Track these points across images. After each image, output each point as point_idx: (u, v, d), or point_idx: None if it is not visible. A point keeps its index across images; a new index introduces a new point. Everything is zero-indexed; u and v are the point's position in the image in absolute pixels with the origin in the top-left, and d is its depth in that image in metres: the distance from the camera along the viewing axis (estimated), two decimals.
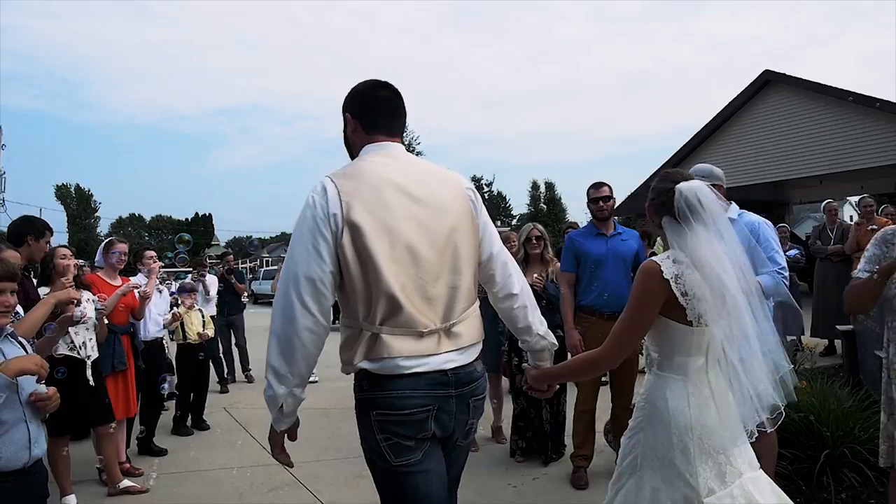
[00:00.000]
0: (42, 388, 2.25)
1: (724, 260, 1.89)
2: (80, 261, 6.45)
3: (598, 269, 4.13)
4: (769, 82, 16.54)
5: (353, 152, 2.03)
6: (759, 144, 16.40)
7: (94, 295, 4.30)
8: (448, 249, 1.87)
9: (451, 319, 1.86)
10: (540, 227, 4.77)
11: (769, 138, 16.25)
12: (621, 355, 2.01)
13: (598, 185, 4.26)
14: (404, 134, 2.12)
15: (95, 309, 4.17)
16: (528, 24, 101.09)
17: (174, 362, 6.14)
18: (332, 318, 1.86)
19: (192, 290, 6.44)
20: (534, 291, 4.47)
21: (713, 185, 3.38)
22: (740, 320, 1.87)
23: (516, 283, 2.07)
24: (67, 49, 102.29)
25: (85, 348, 4.09)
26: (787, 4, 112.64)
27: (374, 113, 1.98)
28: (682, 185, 1.94)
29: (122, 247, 4.86)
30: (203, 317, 6.20)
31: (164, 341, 5.57)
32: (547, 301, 4.49)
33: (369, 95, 2.00)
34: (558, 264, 4.64)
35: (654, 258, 1.98)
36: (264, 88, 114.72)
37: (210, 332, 6.20)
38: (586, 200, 4.30)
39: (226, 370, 8.15)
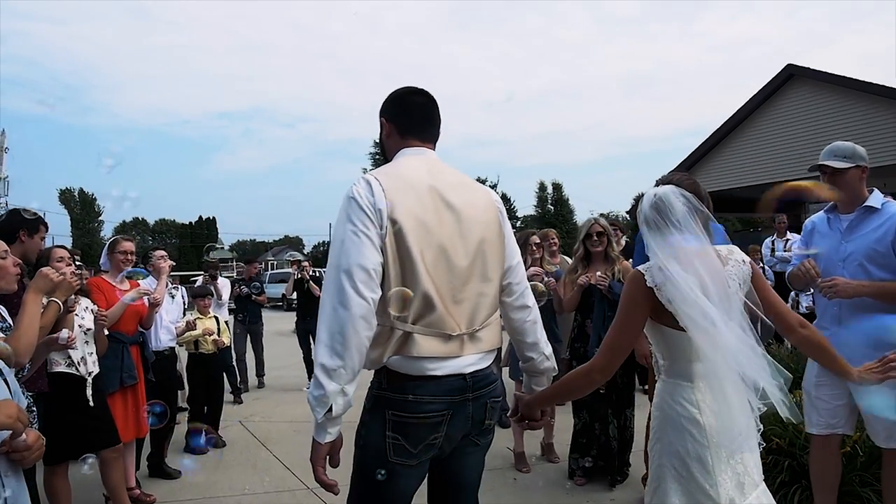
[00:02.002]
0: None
1: (692, 268, 1.85)
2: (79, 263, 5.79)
3: None
4: (792, 76, 16.07)
5: (388, 156, 2.06)
6: (780, 141, 15.89)
7: (93, 303, 3.75)
8: (478, 257, 1.89)
9: (475, 325, 1.88)
10: (603, 221, 4.20)
11: (791, 134, 15.75)
12: (614, 364, 1.97)
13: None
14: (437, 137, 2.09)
15: (94, 318, 3.64)
16: (529, 27, 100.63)
17: (185, 374, 5.64)
18: None
19: (206, 294, 5.89)
20: (599, 292, 4.08)
21: (857, 166, 2.87)
22: (718, 329, 1.81)
23: (531, 296, 2.09)
24: (70, 54, 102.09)
25: (85, 364, 3.55)
26: (788, 5, 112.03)
27: (408, 117, 2.02)
28: (646, 195, 1.96)
29: (128, 245, 4.32)
30: (218, 323, 5.68)
31: (175, 351, 5.03)
32: (612, 301, 3.95)
33: (405, 101, 2.04)
34: (626, 262, 4.12)
35: (640, 266, 1.97)
36: (266, 92, 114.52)
37: (226, 339, 5.67)
38: None
39: (239, 379, 7.71)
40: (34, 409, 2.63)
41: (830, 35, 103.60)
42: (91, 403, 3.50)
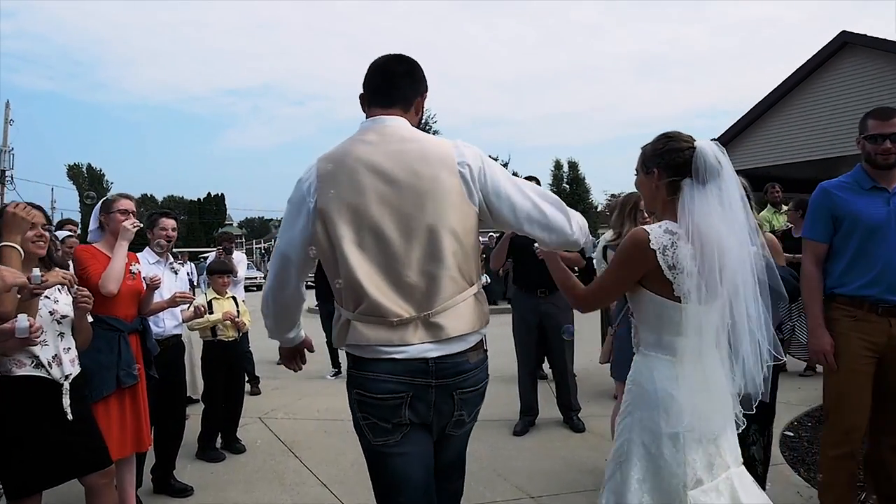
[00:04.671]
0: None
1: (728, 229, 1.79)
2: (60, 233, 4.67)
3: (872, 240, 2.68)
4: (846, 44, 14.98)
5: None
6: (830, 115, 14.86)
7: (74, 277, 2.70)
8: (423, 235, 1.76)
9: (429, 309, 1.78)
10: None
11: (843, 108, 14.66)
12: (592, 306, 2.06)
13: (884, 114, 2.72)
14: (413, 103, 1.94)
15: (74, 300, 2.63)
16: (541, 6, 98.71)
17: (199, 363, 4.74)
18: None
19: (227, 271, 4.91)
20: None
21: None
22: (736, 299, 1.80)
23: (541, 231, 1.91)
24: (81, 30, 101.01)
25: (59, 364, 2.56)
26: None
27: (368, 86, 1.96)
28: (702, 144, 1.86)
29: (128, 203, 3.35)
30: (237, 303, 4.75)
31: (182, 339, 4.04)
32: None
33: (368, 71, 1.97)
34: (769, 235, 3.16)
35: (645, 226, 1.88)
36: (275, 69, 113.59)
37: (247, 320, 4.74)
38: (860, 136, 2.80)
39: (256, 367, 7.00)
40: None
41: (847, 16, 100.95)
42: (70, 416, 2.54)
